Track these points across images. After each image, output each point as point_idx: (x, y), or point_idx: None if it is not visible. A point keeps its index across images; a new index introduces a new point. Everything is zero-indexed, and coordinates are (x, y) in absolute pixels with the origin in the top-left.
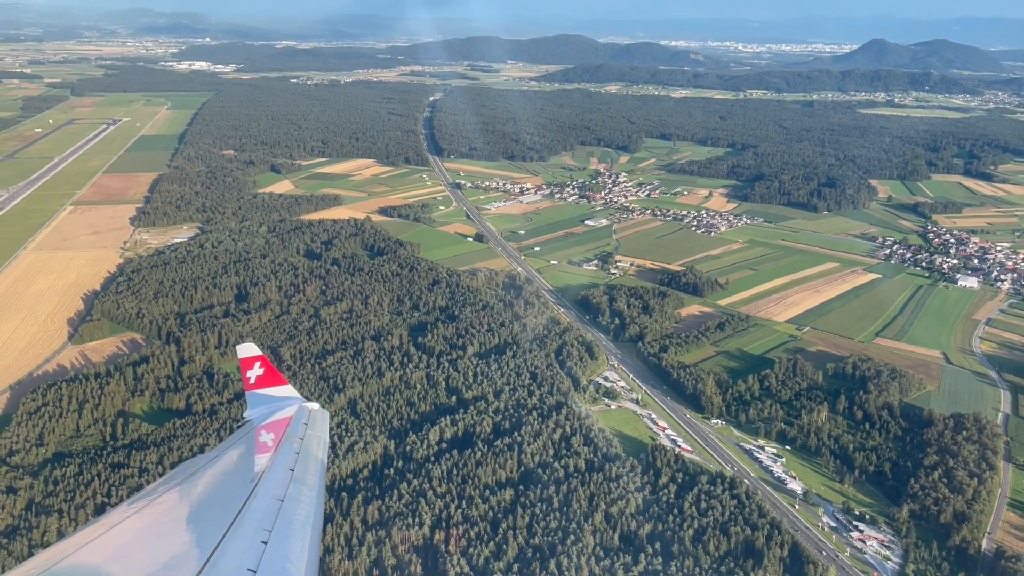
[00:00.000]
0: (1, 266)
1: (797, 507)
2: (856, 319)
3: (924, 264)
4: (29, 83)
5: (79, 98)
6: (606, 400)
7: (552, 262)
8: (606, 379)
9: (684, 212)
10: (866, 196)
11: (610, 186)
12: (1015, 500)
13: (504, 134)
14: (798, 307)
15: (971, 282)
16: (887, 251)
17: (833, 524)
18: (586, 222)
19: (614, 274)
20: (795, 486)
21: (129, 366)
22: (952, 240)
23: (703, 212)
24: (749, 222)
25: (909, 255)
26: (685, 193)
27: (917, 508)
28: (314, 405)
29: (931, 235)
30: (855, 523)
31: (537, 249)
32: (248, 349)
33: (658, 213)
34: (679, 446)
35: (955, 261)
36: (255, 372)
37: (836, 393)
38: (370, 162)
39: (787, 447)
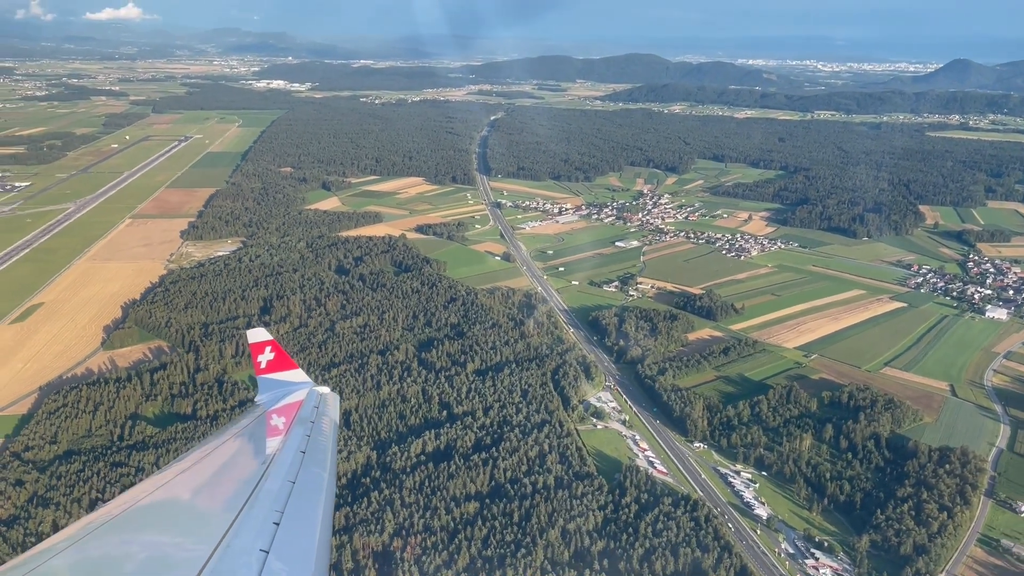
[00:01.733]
0: (56, 274)
1: (759, 532)
2: (868, 348)
3: (955, 294)
4: (115, 100)
5: (159, 115)
6: (594, 420)
7: (573, 282)
8: (599, 399)
9: (718, 235)
10: (911, 222)
11: (649, 207)
12: (986, 536)
13: (554, 154)
14: (812, 334)
15: (1000, 313)
16: (919, 279)
17: (791, 550)
18: (617, 243)
19: (632, 296)
20: (761, 511)
21: (147, 372)
22: (992, 270)
23: (737, 236)
24: (783, 246)
25: (941, 284)
26: (725, 216)
27: (879, 539)
28: (325, 389)
29: (970, 264)
30: (813, 551)
31: (561, 269)
32: (259, 334)
33: (691, 236)
34: (655, 467)
35: (988, 291)
36: (266, 356)
37: (826, 421)
38: (418, 180)
39: (763, 473)
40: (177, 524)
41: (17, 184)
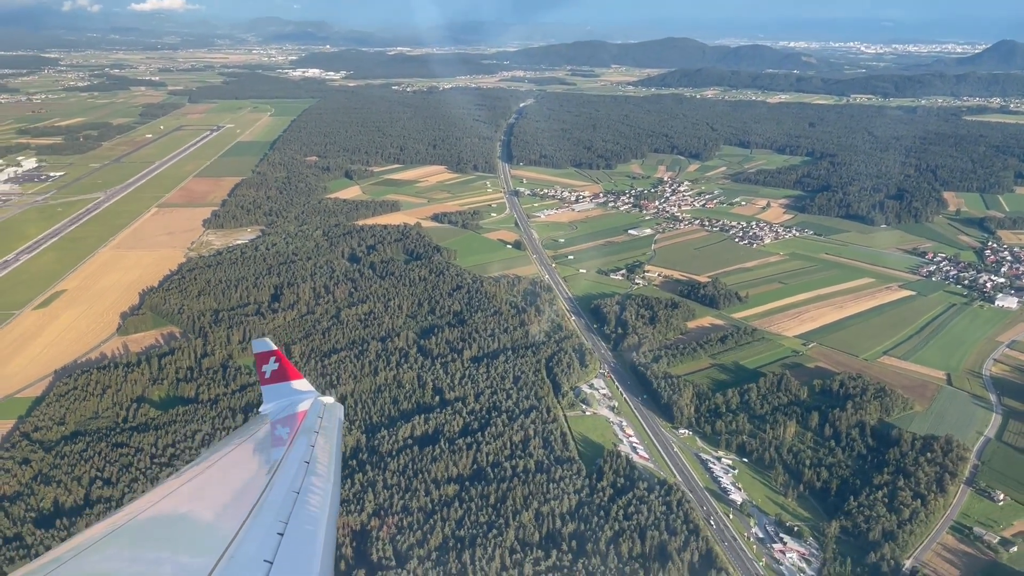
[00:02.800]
0: (81, 262)
1: (731, 517)
2: (869, 337)
3: (967, 282)
4: (154, 90)
5: (194, 105)
6: (583, 406)
7: (581, 270)
8: (591, 386)
9: (733, 223)
10: (933, 209)
11: (667, 195)
12: (960, 524)
13: (578, 141)
14: (814, 323)
15: (1010, 302)
16: (932, 268)
17: (761, 535)
18: (630, 231)
19: (638, 284)
20: (736, 496)
21: (156, 357)
22: (1009, 257)
23: (752, 223)
24: (797, 234)
25: (954, 272)
26: (743, 203)
27: (849, 525)
28: (329, 399)
29: (987, 252)
30: (782, 535)
31: (571, 257)
32: (263, 344)
33: (706, 224)
34: (637, 453)
35: (1001, 280)
36: (270, 367)
37: (815, 409)
38: (440, 168)
39: (744, 460)
40: (181, 534)
41: (52, 174)
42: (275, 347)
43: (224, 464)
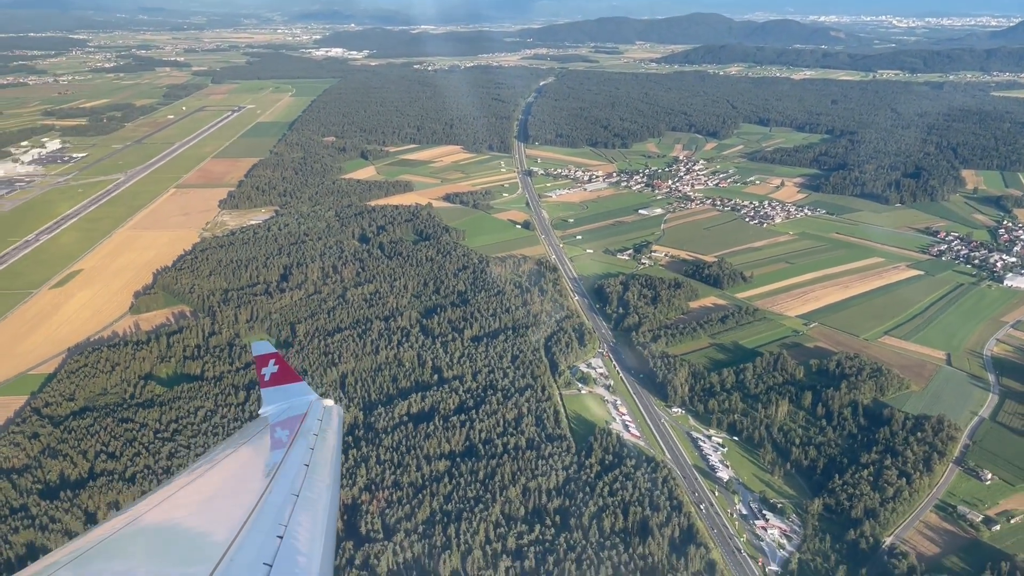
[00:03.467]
0: (98, 242)
1: (716, 494)
2: (872, 316)
3: (977, 262)
4: (178, 71)
5: (217, 85)
6: (579, 385)
7: (588, 250)
8: (589, 365)
9: (745, 203)
10: (950, 187)
11: (681, 174)
12: (945, 502)
13: (595, 120)
14: (818, 302)
15: (1019, 282)
16: (943, 247)
17: (744, 512)
18: (640, 211)
19: (644, 264)
20: (723, 474)
21: (165, 335)
22: (1023, 236)
23: (764, 203)
24: (809, 213)
25: (965, 251)
26: (757, 182)
27: (832, 502)
28: (329, 402)
29: (1002, 231)
30: (765, 512)
31: (579, 237)
32: (263, 347)
33: (718, 203)
34: (629, 431)
35: (1013, 259)
36: (270, 369)
37: (809, 389)
38: (456, 148)
39: (735, 438)
40: (180, 538)
41: (75, 155)
42: (275, 350)
43: (223, 467)
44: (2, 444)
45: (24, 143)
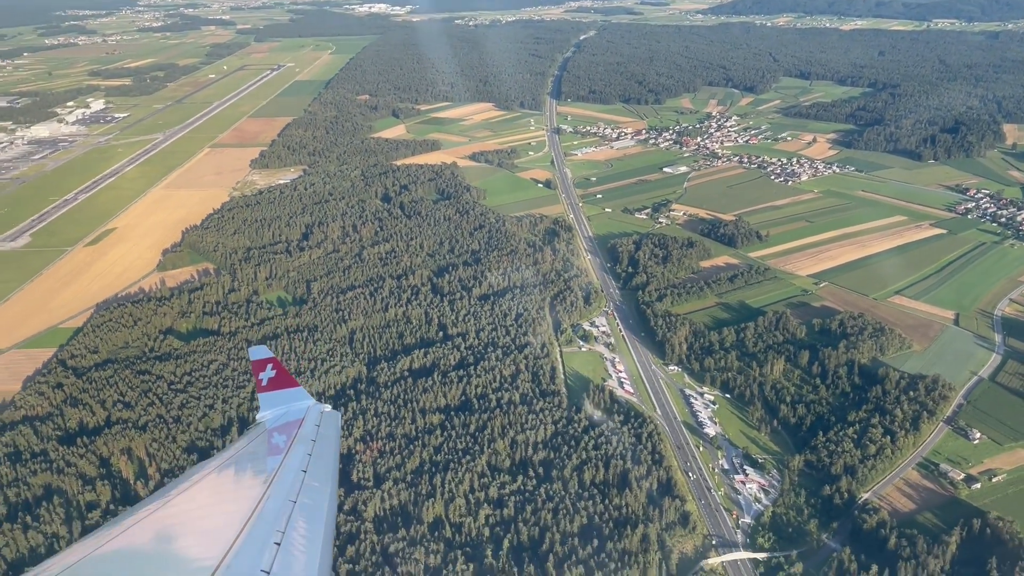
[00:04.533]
0: (132, 201)
1: (702, 449)
2: (885, 276)
3: (1003, 220)
4: (223, 30)
5: (259, 44)
6: (580, 343)
7: (607, 210)
8: (593, 324)
9: (773, 160)
10: (988, 143)
11: (712, 131)
12: (929, 460)
13: (631, 75)
14: (832, 261)
15: None
16: (971, 204)
17: (726, 467)
18: (664, 169)
19: (661, 223)
20: (711, 430)
21: (187, 291)
22: None
23: (792, 160)
24: (837, 171)
25: (992, 209)
26: (789, 139)
27: (814, 459)
28: (326, 407)
29: None
30: (746, 467)
31: (599, 196)
32: (260, 351)
33: (745, 160)
34: (623, 387)
35: None
36: (267, 374)
37: (809, 348)
38: (487, 106)
39: (727, 395)
40: (178, 544)
41: (117, 115)
42: (272, 355)
43: (221, 473)
44: (28, 393)
45: (70, 103)
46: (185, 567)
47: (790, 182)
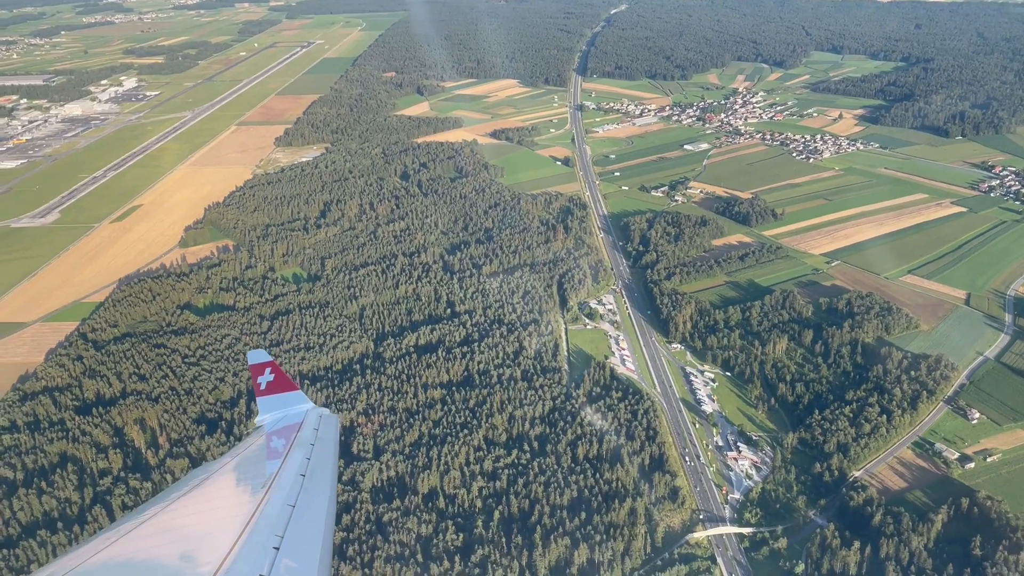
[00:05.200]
0: (159, 178)
1: (698, 426)
2: (900, 254)
3: None
4: (256, 7)
5: (291, 21)
6: (586, 320)
7: (624, 188)
8: (600, 302)
9: (796, 136)
10: (1019, 119)
11: (736, 107)
12: (925, 440)
13: (659, 50)
14: (847, 240)
15: None
16: (996, 182)
17: (721, 444)
18: (685, 146)
19: (677, 201)
20: (708, 407)
21: (205, 268)
22: None
23: (816, 137)
24: (861, 148)
25: (1016, 187)
26: (815, 115)
27: (808, 437)
28: (324, 410)
29: None
30: (740, 444)
31: (617, 174)
32: (259, 355)
33: (767, 137)
34: (625, 365)
35: None
36: (266, 378)
37: (813, 327)
38: (512, 83)
39: (727, 374)
40: (177, 548)
41: (148, 93)
42: (271, 358)
43: (220, 478)
44: (50, 365)
45: (104, 82)
46: (185, 572)
47: (812, 159)
